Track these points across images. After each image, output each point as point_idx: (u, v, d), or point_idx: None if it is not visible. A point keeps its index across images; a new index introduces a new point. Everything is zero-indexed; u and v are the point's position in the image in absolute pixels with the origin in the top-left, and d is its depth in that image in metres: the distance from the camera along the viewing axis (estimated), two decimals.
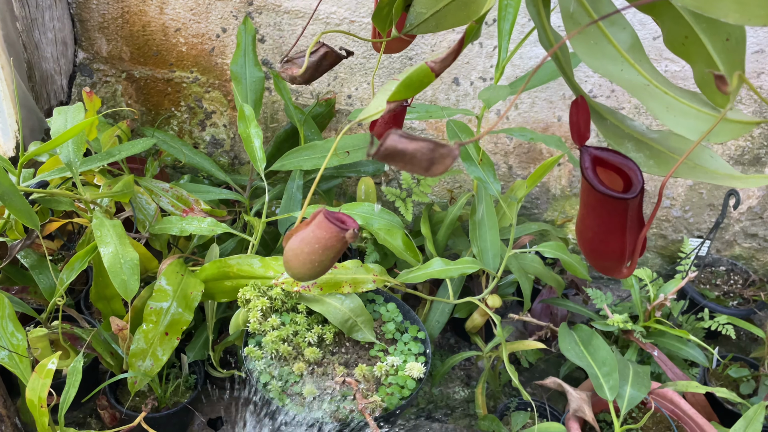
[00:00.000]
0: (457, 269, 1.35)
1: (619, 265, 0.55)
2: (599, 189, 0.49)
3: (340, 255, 0.63)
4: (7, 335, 1.03)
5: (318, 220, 0.61)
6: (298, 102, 1.79)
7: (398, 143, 0.41)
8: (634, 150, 0.52)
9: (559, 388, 1.30)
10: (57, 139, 1.14)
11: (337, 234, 0.60)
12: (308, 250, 0.60)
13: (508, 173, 1.84)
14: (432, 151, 0.41)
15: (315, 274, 0.63)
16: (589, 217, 0.53)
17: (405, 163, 0.42)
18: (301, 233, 0.62)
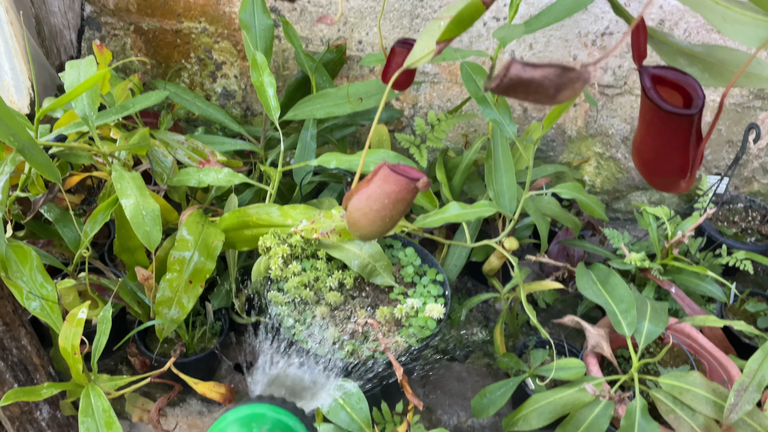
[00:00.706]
0: (474, 213, 1.36)
1: (681, 179, 0.55)
2: (664, 108, 0.48)
3: (410, 207, 0.61)
4: (36, 286, 1.06)
5: (383, 174, 0.59)
6: (309, 49, 1.76)
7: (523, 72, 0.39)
8: (687, 65, 0.51)
9: (577, 325, 1.32)
10: (71, 93, 1.14)
11: (407, 185, 0.57)
12: (378, 207, 0.58)
13: (523, 116, 1.82)
14: (560, 76, 0.39)
15: (386, 229, 0.61)
16: (652, 137, 0.53)
17: (529, 92, 0.40)
18: (366, 191, 0.59)
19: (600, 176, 1.92)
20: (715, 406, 1.13)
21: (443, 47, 0.56)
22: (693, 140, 0.53)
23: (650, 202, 1.97)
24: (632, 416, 1.14)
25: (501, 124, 1.35)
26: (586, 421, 1.18)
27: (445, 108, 1.83)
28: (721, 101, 0.47)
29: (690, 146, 0.53)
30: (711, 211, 1.36)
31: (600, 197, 1.98)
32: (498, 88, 0.40)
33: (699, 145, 0.53)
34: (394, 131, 1.90)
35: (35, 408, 1.25)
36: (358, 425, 0.99)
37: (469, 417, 1.41)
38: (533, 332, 1.59)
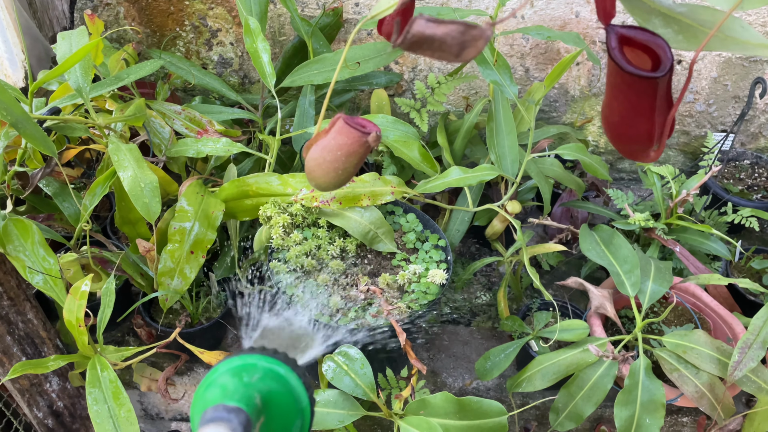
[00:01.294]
0: (475, 177, 1.34)
1: (648, 148, 0.53)
2: (627, 69, 0.47)
3: (363, 160, 0.62)
4: (39, 260, 1.06)
5: (338, 126, 0.59)
6: (304, 14, 1.73)
7: (426, 28, 0.39)
8: (662, 26, 0.49)
9: (581, 287, 1.32)
10: (64, 64, 1.12)
11: (359, 138, 0.58)
12: (331, 158, 0.59)
13: (525, 76, 1.79)
14: (463, 33, 0.39)
15: (339, 182, 0.61)
16: (617, 101, 0.51)
17: (434, 50, 0.40)
18: (322, 142, 0.60)
19: (604, 136, 1.89)
20: (719, 363, 1.14)
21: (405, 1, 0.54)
22: (660, 106, 0.51)
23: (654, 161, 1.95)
24: (636, 375, 1.14)
25: (501, 86, 1.33)
26: (590, 381, 1.19)
27: (446, 70, 1.80)
28: (691, 65, 0.45)
29: (656, 112, 0.51)
30: (716, 168, 1.35)
31: (604, 157, 1.95)
32: (402, 44, 0.40)
33: (668, 112, 0.51)
34: (393, 96, 1.87)
35: (44, 380, 1.27)
36: (363, 390, 1.00)
37: (474, 379, 1.42)
38: (537, 295, 1.59)
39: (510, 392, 1.24)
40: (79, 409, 1.35)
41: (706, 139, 1.75)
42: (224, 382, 0.51)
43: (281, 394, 0.53)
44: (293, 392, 0.53)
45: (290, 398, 0.53)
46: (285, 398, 0.53)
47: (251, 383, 0.51)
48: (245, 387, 0.51)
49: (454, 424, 0.97)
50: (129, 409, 0.99)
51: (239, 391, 0.50)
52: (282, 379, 0.53)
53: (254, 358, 0.53)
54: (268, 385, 0.52)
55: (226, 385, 0.51)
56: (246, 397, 0.50)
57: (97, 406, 0.99)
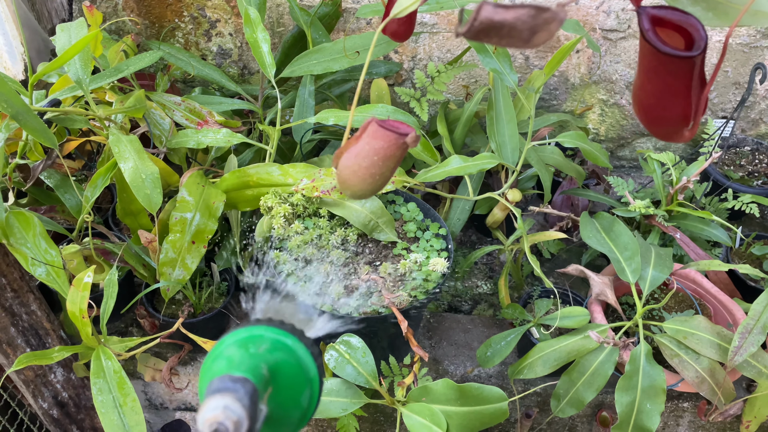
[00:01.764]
0: (476, 165, 1.35)
1: (683, 128, 0.53)
2: (664, 50, 0.46)
3: (400, 163, 0.59)
4: (41, 252, 1.06)
5: (372, 130, 0.56)
6: (303, 3, 1.72)
7: (494, 14, 0.37)
8: (690, 4, 0.49)
9: (581, 274, 1.32)
10: (63, 56, 1.12)
11: (397, 141, 0.55)
12: (367, 164, 0.56)
13: (525, 64, 1.78)
14: (534, 17, 0.37)
15: (377, 188, 0.59)
16: (651, 83, 0.51)
17: (502, 36, 0.38)
18: (354, 148, 0.57)
19: (604, 124, 1.89)
20: (719, 349, 1.14)
21: None
22: (696, 85, 0.51)
23: (655, 148, 1.95)
24: (637, 361, 1.15)
25: (501, 74, 1.33)
26: (591, 367, 1.19)
27: (446, 59, 1.79)
28: (725, 42, 0.45)
29: (692, 91, 0.51)
30: (717, 155, 1.35)
31: (604, 145, 1.95)
32: (469, 33, 0.38)
33: (702, 91, 0.51)
34: (393, 85, 1.87)
35: (49, 371, 1.28)
36: (365, 378, 1.01)
37: (476, 367, 1.43)
38: (538, 283, 1.59)
39: (511, 379, 1.24)
40: (83, 400, 1.36)
41: (707, 126, 1.74)
42: (231, 353, 0.51)
43: (289, 365, 0.53)
44: (301, 363, 0.53)
45: (298, 369, 0.53)
46: (293, 369, 0.53)
47: (258, 354, 0.51)
48: (252, 358, 0.51)
49: (455, 410, 0.97)
50: (134, 399, 1.00)
51: (246, 362, 0.50)
52: (289, 350, 0.53)
53: (261, 329, 0.53)
54: (276, 355, 0.52)
55: (232, 356, 0.51)
56: (252, 367, 0.49)
57: (102, 396, 1.00)
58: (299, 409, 0.53)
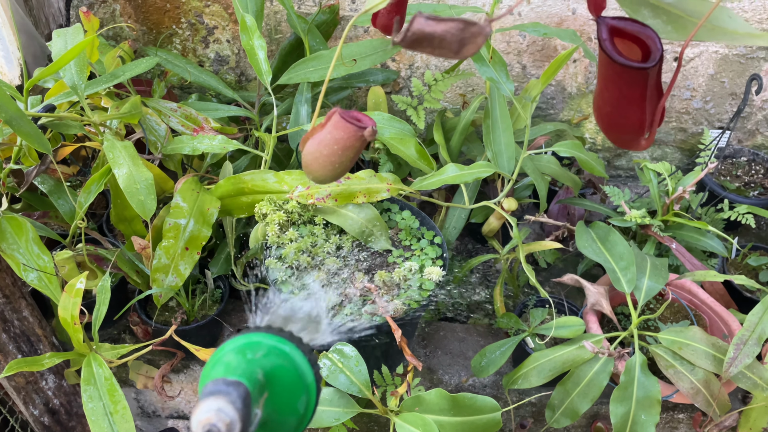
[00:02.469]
0: (472, 174, 1.34)
1: (639, 137, 0.54)
2: (618, 60, 0.47)
3: (359, 154, 0.62)
4: (33, 258, 1.06)
5: (334, 120, 0.59)
6: (301, 11, 1.73)
7: (426, 26, 0.39)
8: (651, 17, 0.49)
9: (577, 284, 1.32)
10: (58, 62, 1.12)
11: (355, 133, 0.58)
12: (327, 152, 0.59)
13: (522, 73, 1.79)
14: (462, 30, 0.39)
15: (336, 175, 0.62)
16: (608, 91, 0.52)
17: (434, 47, 0.40)
18: (318, 135, 0.60)
19: (601, 133, 1.89)
20: (714, 360, 1.14)
21: None
22: (651, 95, 0.52)
23: (652, 158, 1.95)
24: (632, 372, 1.14)
25: (497, 82, 1.33)
26: (586, 378, 1.19)
27: (443, 68, 1.80)
28: (680, 55, 0.45)
29: (648, 101, 0.52)
30: (713, 165, 1.34)
31: (601, 155, 1.95)
32: (403, 42, 0.40)
33: (659, 101, 0.52)
34: (390, 93, 1.87)
35: (40, 378, 1.27)
36: (358, 387, 1.00)
37: (470, 376, 1.42)
38: (534, 292, 1.59)
39: (506, 389, 1.24)
40: (75, 407, 1.35)
41: (703, 136, 1.75)
42: (228, 359, 0.51)
43: (285, 371, 0.53)
44: (298, 369, 0.53)
45: (295, 374, 0.53)
46: (289, 374, 0.53)
47: (254, 359, 0.52)
48: (248, 363, 0.51)
49: (448, 420, 0.97)
50: (124, 407, 0.99)
51: (241, 367, 0.51)
52: (286, 356, 0.53)
53: (259, 336, 0.53)
54: (272, 361, 0.52)
55: (229, 362, 0.51)
56: (248, 372, 0.50)
57: (92, 403, 0.99)
58: (296, 414, 0.53)
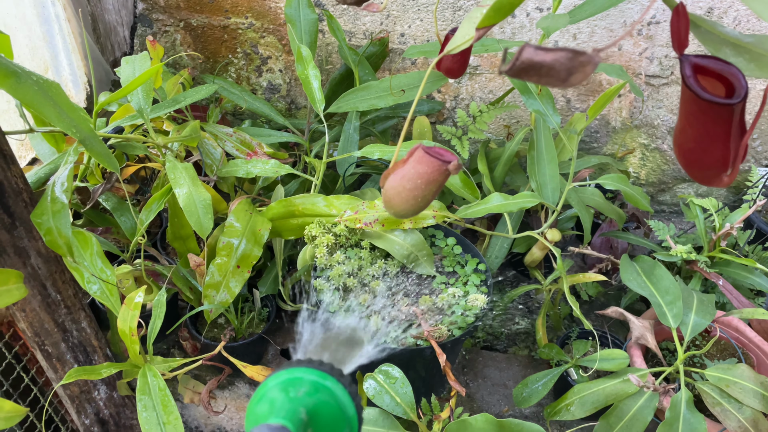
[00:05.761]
0: (516, 204, 1.36)
1: (721, 173, 0.55)
2: (704, 96, 0.48)
3: (441, 188, 0.63)
4: (97, 271, 1.11)
5: (417, 156, 0.60)
6: (352, 43, 1.79)
7: (535, 56, 0.41)
8: (733, 55, 0.51)
9: (621, 317, 1.31)
10: (128, 87, 1.19)
11: (440, 167, 0.59)
12: (410, 187, 0.60)
13: (567, 107, 1.81)
14: (571, 60, 0.40)
15: (418, 209, 0.63)
16: (691, 127, 0.53)
17: (541, 75, 0.42)
18: (401, 171, 0.61)
19: (645, 168, 1.89)
20: (763, 399, 1.12)
21: (482, 34, 0.57)
22: (735, 132, 0.52)
23: (697, 194, 1.94)
24: (677, 408, 1.13)
25: (544, 115, 1.35)
26: (630, 412, 1.18)
27: (487, 99, 1.83)
28: (765, 94, 0.46)
29: (731, 138, 0.53)
30: (761, 203, 1.34)
31: (645, 189, 1.95)
32: (511, 71, 0.42)
33: (742, 138, 0.53)
34: (435, 123, 1.91)
35: (93, 388, 1.32)
36: (403, 409, 1.01)
37: (511, 407, 1.42)
38: (575, 324, 1.58)
39: (547, 420, 1.23)
40: (123, 419, 1.39)
41: (751, 174, 1.73)
42: (272, 396, 0.54)
43: (327, 405, 0.55)
44: (339, 403, 0.55)
45: (336, 409, 0.55)
46: (331, 409, 0.55)
47: (297, 398, 0.54)
48: (291, 402, 0.54)
49: None
50: (177, 417, 1.03)
51: (285, 407, 0.53)
52: (328, 391, 0.55)
53: (300, 372, 0.56)
54: (314, 397, 0.55)
55: (274, 400, 0.54)
56: (291, 412, 0.53)
57: (147, 412, 1.03)
58: None
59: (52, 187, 0.94)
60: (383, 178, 0.63)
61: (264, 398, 0.54)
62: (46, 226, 0.91)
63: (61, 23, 1.55)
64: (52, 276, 1.13)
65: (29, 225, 1.04)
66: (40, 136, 1.35)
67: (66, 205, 0.93)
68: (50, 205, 0.92)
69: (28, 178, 1.21)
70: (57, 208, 0.91)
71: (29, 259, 1.07)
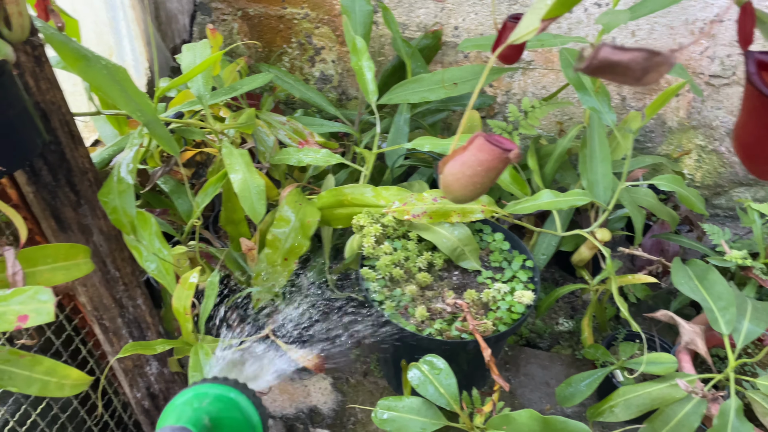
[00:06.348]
0: (567, 201, 1.35)
1: None
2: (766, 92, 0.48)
3: (499, 176, 0.65)
4: (155, 250, 1.15)
5: (478, 143, 0.62)
6: (405, 35, 1.79)
7: (612, 54, 0.42)
8: None
9: (671, 321, 1.29)
10: (189, 74, 1.22)
11: (500, 155, 0.60)
12: (470, 173, 0.62)
13: (621, 105, 1.77)
14: (647, 59, 0.41)
15: (476, 195, 0.65)
16: (753, 123, 0.53)
17: (617, 74, 0.43)
18: (460, 157, 0.63)
19: (701, 170, 1.84)
20: None
21: (547, 25, 0.57)
22: None
23: (754, 198, 1.88)
24: (726, 416, 1.11)
25: (600, 112, 1.33)
26: (676, 418, 1.16)
27: (540, 95, 1.81)
28: None
29: None
30: None
31: (699, 192, 1.90)
32: (587, 69, 0.42)
33: None
34: (485, 117, 1.90)
35: (146, 363, 1.37)
36: (446, 400, 1.02)
37: (553, 405, 1.41)
38: (621, 326, 1.56)
39: (590, 421, 1.22)
40: (172, 394, 1.44)
41: None
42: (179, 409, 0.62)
43: (231, 413, 0.65)
44: (243, 411, 0.65)
45: (240, 417, 0.65)
46: (235, 416, 0.65)
47: (201, 407, 0.64)
48: (195, 411, 0.63)
49: None
50: None
51: (188, 415, 0.62)
52: (231, 401, 0.64)
53: (205, 387, 0.65)
54: (217, 407, 0.65)
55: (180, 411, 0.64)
56: (194, 419, 0.61)
57: None
58: None
59: (118, 167, 0.98)
60: (442, 164, 0.65)
61: (171, 411, 0.63)
62: (111, 205, 0.95)
63: (125, 10, 1.60)
64: (112, 253, 1.18)
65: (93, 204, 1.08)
66: (104, 119, 1.40)
67: (131, 185, 0.96)
68: (116, 185, 0.95)
69: (92, 158, 1.26)
70: (122, 188, 0.95)
71: (92, 237, 1.12)
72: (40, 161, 0.96)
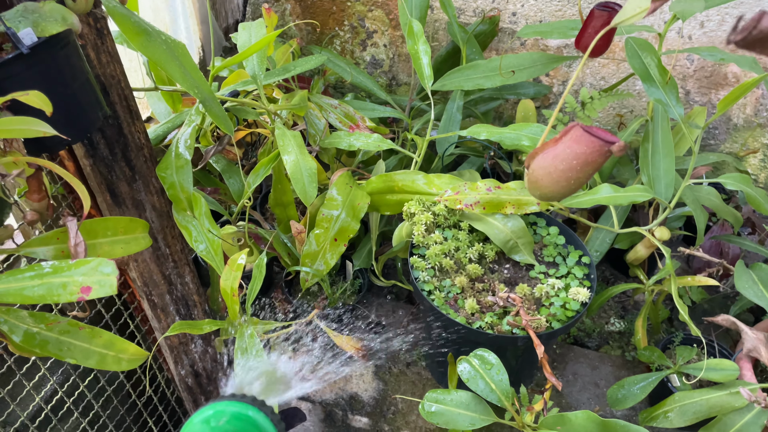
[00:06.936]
0: (626, 197, 1.29)
1: None
2: None
3: (596, 171, 0.59)
4: (204, 231, 1.15)
5: (575, 134, 0.57)
6: (461, 20, 1.75)
7: None
8: None
9: (732, 326, 1.23)
10: (244, 53, 1.21)
11: (600, 148, 0.56)
12: (564, 167, 0.57)
13: (685, 99, 1.70)
14: None
15: (569, 192, 0.60)
16: None
17: None
18: (552, 150, 0.59)
19: (766, 170, 1.76)
20: None
21: (659, 6, 0.53)
22: None
23: None
24: None
25: (666, 105, 1.27)
26: (735, 427, 1.11)
27: (598, 86, 1.75)
28: None
29: None
30: None
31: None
32: (743, 41, 0.38)
33: None
34: (540, 107, 1.85)
35: (191, 341, 1.37)
36: (497, 396, 0.99)
37: (602, 407, 1.36)
38: (675, 328, 1.50)
39: (641, 425, 1.18)
40: (215, 373, 1.44)
41: None
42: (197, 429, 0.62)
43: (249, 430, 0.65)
44: (260, 428, 0.66)
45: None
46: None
47: (218, 427, 0.64)
48: (212, 430, 0.64)
49: None
50: None
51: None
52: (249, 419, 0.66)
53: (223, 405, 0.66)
54: (235, 425, 0.65)
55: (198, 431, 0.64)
56: None
57: None
58: None
59: (176, 143, 0.97)
60: (529, 158, 0.60)
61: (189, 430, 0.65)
62: (169, 181, 0.94)
63: None
64: (163, 230, 1.17)
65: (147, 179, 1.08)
66: (158, 96, 1.40)
67: (189, 161, 0.96)
68: (174, 160, 0.95)
69: None
70: (180, 164, 0.94)
71: (145, 212, 1.12)
72: (98, 134, 0.96)
